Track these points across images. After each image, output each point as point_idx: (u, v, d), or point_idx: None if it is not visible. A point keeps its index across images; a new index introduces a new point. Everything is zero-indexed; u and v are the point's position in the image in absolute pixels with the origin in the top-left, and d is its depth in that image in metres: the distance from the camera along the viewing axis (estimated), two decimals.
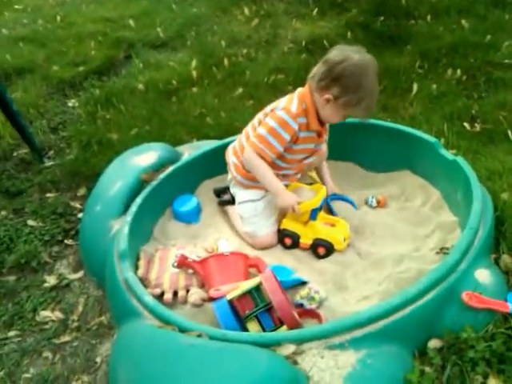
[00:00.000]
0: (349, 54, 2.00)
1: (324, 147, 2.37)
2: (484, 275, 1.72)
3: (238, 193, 2.31)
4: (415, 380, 1.49)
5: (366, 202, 2.41)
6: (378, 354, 1.50)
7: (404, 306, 1.57)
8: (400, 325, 1.56)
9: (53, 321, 2.04)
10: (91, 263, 2.18)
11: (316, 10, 4.77)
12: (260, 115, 2.23)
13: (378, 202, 2.39)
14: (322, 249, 2.11)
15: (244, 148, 2.20)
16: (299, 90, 2.17)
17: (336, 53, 2.03)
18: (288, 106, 2.11)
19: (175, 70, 4.04)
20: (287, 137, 2.09)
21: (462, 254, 1.71)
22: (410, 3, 4.63)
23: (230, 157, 2.34)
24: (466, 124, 2.95)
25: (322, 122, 2.19)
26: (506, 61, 3.60)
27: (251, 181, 2.26)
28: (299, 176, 2.37)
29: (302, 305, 1.84)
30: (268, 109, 2.20)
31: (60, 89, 4.06)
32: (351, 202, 2.25)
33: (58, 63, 4.39)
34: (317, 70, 2.08)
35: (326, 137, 2.33)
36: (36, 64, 4.41)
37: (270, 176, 2.14)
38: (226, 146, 2.41)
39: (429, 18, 4.42)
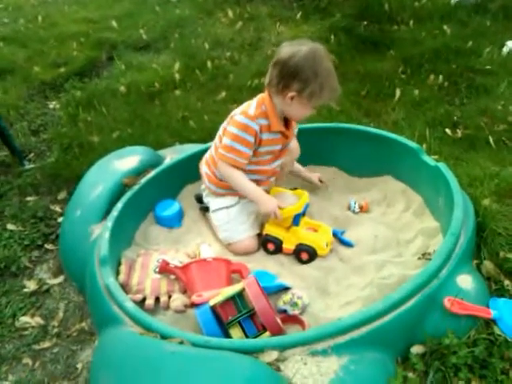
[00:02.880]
0: (296, 48, 2.01)
1: (293, 144, 2.35)
2: (466, 281, 1.74)
3: (212, 201, 2.30)
4: None
5: (349, 208, 2.41)
6: (361, 360, 1.50)
7: (386, 312, 1.57)
8: (383, 331, 1.56)
9: (33, 327, 2.02)
10: (71, 268, 2.15)
11: (300, 13, 4.79)
12: (224, 124, 2.22)
13: (361, 208, 2.39)
14: (305, 254, 2.11)
15: (214, 159, 2.21)
16: (259, 95, 2.18)
17: (283, 51, 2.03)
18: (246, 109, 2.11)
19: (158, 72, 4.01)
20: (251, 139, 2.09)
21: (443, 260, 1.72)
22: (393, 8, 4.66)
23: (203, 168, 2.34)
24: (447, 130, 2.98)
25: (286, 124, 2.19)
26: (487, 67, 3.64)
27: (224, 189, 2.26)
28: (273, 179, 2.37)
29: (285, 311, 1.84)
30: (229, 117, 2.19)
31: (41, 90, 4.01)
32: (348, 243, 2.21)
33: (39, 64, 4.33)
34: (270, 74, 2.08)
35: (294, 131, 2.32)
36: (17, 65, 4.36)
37: (248, 184, 2.14)
38: (208, 150, 2.39)
39: (411, 23, 4.47)
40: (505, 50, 3.84)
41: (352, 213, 2.39)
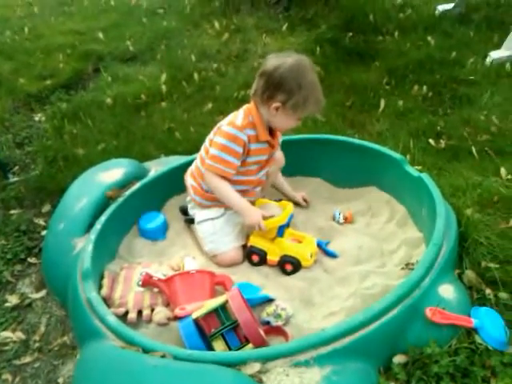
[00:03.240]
0: (281, 59, 2.04)
1: (278, 154, 2.37)
2: (448, 291, 1.75)
3: (198, 213, 2.30)
4: None
5: (334, 218, 2.42)
6: (344, 370, 1.51)
7: (369, 322, 1.58)
8: (365, 341, 1.57)
9: (14, 342, 2.00)
10: (54, 282, 2.13)
11: (286, 25, 4.81)
12: (210, 135, 2.23)
13: (345, 218, 2.40)
14: (289, 265, 2.11)
15: (201, 171, 2.22)
16: (245, 106, 2.19)
17: (270, 63, 2.06)
18: (233, 120, 2.13)
19: (144, 84, 4.01)
20: (239, 149, 2.10)
21: (425, 270, 1.73)
22: (377, 20, 4.71)
23: (188, 180, 2.34)
24: (431, 140, 3.00)
25: (272, 133, 2.21)
26: (471, 77, 3.68)
27: (210, 201, 2.26)
28: (259, 189, 2.37)
29: (268, 322, 1.83)
30: (216, 127, 2.21)
31: (26, 102, 3.99)
32: (332, 253, 2.21)
33: (25, 76, 4.31)
34: (256, 84, 2.11)
35: (279, 140, 2.33)
36: (2, 77, 4.33)
37: (233, 195, 2.14)
38: (193, 161, 2.39)
39: (396, 34, 4.50)
40: (488, 60, 3.88)
41: (336, 223, 2.40)
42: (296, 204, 2.49)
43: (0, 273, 2.30)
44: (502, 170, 2.56)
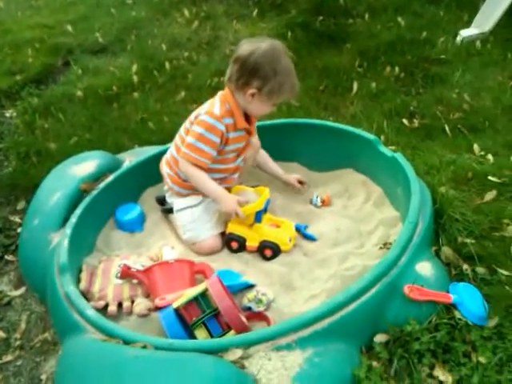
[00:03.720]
0: (255, 45, 2.03)
1: (254, 139, 2.35)
2: (425, 268, 1.76)
3: (176, 201, 2.28)
4: (363, 375, 1.51)
5: (311, 202, 2.43)
6: (325, 352, 1.51)
7: (348, 302, 1.59)
8: (345, 321, 1.57)
9: None
10: (32, 279, 2.11)
11: (256, 11, 4.78)
12: (186, 124, 2.22)
13: (323, 201, 2.41)
14: (269, 250, 2.11)
15: (177, 160, 2.20)
16: (220, 92, 2.18)
17: (243, 48, 2.05)
18: (211, 109, 2.11)
19: (115, 75, 3.97)
20: (217, 139, 2.10)
21: (402, 248, 1.74)
22: (348, 2, 4.69)
23: (164, 168, 2.32)
24: (404, 120, 3.02)
25: (248, 120, 2.20)
26: (442, 56, 3.70)
27: (188, 189, 2.25)
28: (237, 176, 2.36)
29: (249, 308, 1.84)
30: (192, 116, 2.19)
31: None
32: (311, 237, 2.21)
33: None
34: (230, 70, 2.10)
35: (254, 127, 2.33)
36: None
37: (209, 183, 2.14)
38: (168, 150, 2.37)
39: (367, 16, 4.50)
40: (458, 39, 3.91)
41: (314, 207, 2.41)
42: (275, 184, 2.50)
43: None
44: (475, 147, 2.59)
